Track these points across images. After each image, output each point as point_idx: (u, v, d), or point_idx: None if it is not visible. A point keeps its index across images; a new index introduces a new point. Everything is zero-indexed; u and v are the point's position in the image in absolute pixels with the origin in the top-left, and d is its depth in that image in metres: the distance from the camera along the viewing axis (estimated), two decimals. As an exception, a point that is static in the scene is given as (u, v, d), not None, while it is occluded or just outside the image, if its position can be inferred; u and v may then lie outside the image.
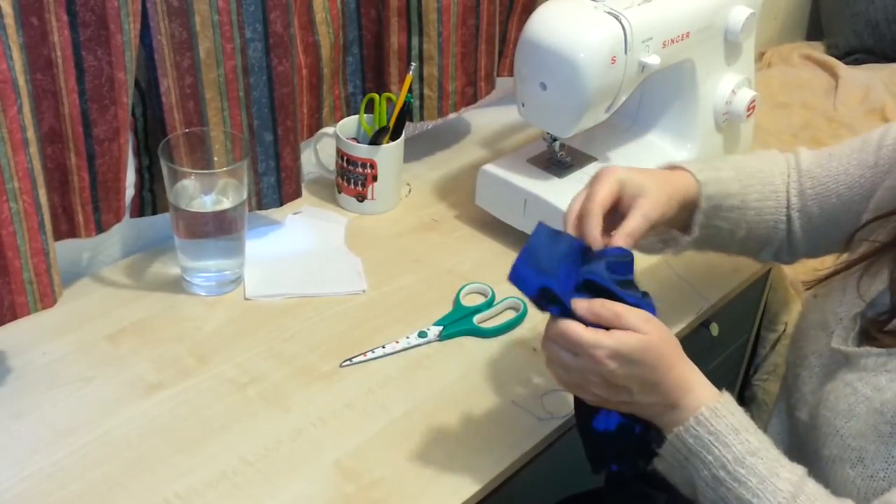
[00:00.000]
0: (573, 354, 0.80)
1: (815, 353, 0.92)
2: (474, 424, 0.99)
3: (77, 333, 1.07)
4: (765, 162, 1.05)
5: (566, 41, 1.11)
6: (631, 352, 0.78)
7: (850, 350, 0.87)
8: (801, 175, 1.03)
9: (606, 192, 0.88)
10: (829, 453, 0.84)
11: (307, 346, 1.07)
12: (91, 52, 0.96)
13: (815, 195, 1.02)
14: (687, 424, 0.80)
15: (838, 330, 0.89)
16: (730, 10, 1.24)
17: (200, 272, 1.13)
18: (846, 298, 0.91)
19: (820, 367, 0.91)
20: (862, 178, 0.98)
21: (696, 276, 1.22)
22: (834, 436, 0.84)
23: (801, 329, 0.96)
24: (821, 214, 1.02)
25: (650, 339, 0.79)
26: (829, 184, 1.01)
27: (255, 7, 1.06)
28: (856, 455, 0.81)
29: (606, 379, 0.80)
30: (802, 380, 0.92)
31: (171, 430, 0.96)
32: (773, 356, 1.62)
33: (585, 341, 0.78)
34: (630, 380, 0.80)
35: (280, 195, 1.20)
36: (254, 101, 1.12)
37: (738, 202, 1.00)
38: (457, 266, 1.22)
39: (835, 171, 1.00)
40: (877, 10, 2.15)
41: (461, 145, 1.49)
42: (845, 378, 0.85)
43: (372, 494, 0.91)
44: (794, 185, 1.03)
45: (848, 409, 0.83)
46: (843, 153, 1.01)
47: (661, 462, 0.83)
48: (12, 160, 0.89)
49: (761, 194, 1.02)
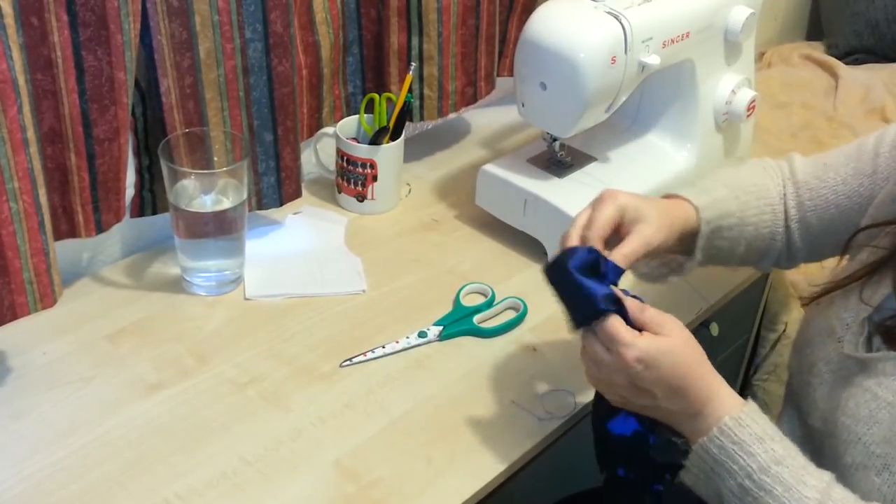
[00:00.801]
0: (606, 350, 0.81)
1: (823, 359, 0.91)
2: (474, 424, 0.99)
3: (77, 333, 1.07)
4: (758, 174, 1.04)
5: (566, 41, 1.11)
6: (660, 357, 0.79)
7: (865, 356, 0.85)
8: (799, 187, 1.02)
9: (608, 217, 0.88)
10: (851, 461, 0.83)
11: (307, 346, 1.07)
12: (91, 52, 0.96)
13: (813, 206, 1.01)
14: (711, 435, 0.79)
15: (847, 336, 0.88)
16: (730, 10, 1.24)
17: (200, 272, 1.13)
18: (850, 304, 0.90)
19: (830, 374, 0.89)
20: (861, 188, 0.97)
21: (696, 276, 1.21)
22: (856, 443, 0.83)
23: (804, 337, 0.96)
24: (819, 224, 1.01)
25: (679, 346, 0.80)
26: (827, 195, 1.00)
27: (255, 7, 1.06)
28: (881, 462, 0.80)
29: (633, 383, 0.80)
30: (812, 387, 0.91)
31: (171, 430, 0.96)
32: (773, 356, 1.62)
33: (621, 338, 0.79)
34: (655, 384, 0.80)
35: (280, 195, 1.20)
36: (254, 101, 1.12)
37: (736, 220, 0.99)
38: (457, 266, 1.22)
39: (832, 182, 1.00)
40: (877, 10, 2.15)
41: (461, 145, 1.49)
42: (863, 384, 0.84)
43: (372, 494, 0.91)
44: (792, 196, 1.03)
45: (869, 415, 0.82)
46: (838, 162, 1.00)
47: (687, 474, 0.82)
48: (12, 160, 0.89)
49: (758, 209, 1.01)
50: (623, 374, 0.80)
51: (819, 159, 1.03)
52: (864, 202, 0.97)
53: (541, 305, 1.15)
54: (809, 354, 0.93)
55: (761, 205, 1.01)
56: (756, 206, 1.01)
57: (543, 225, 1.21)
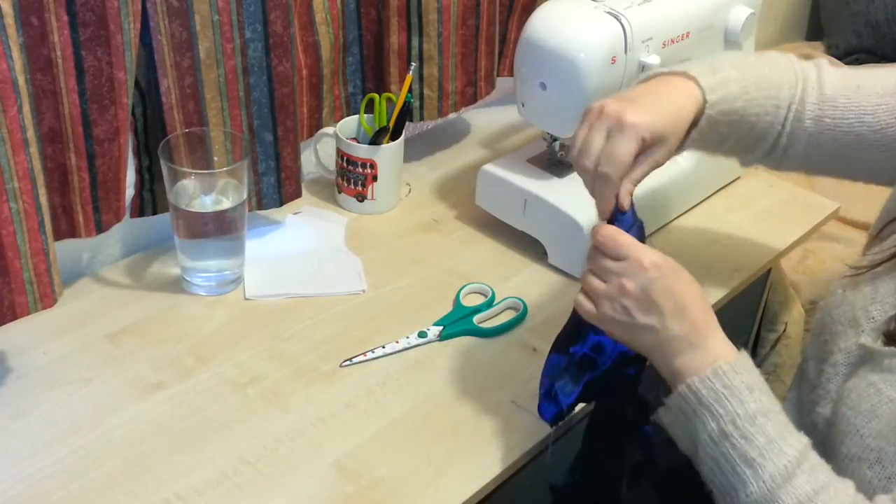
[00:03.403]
0: (616, 260, 0.81)
1: (843, 350, 0.90)
2: (474, 424, 0.99)
3: (77, 333, 1.07)
4: (775, 71, 0.98)
5: (566, 41, 1.11)
6: (674, 268, 0.81)
7: (876, 349, 0.85)
8: (824, 101, 0.96)
9: (628, 157, 0.85)
10: (847, 451, 0.83)
11: (307, 346, 1.07)
12: (91, 52, 0.96)
13: (833, 126, 0.96)
14: (703, 376, 0.79)
15: (869, 328, 0.88)
16: (730, 10, 1.24)
17: (200, 272, 1.13)
18: (878, 296, 0.89)
19: (847, 366, 0.89)
20: (889, 128, 0.94)
21: (696, 277, 1.21)
22: (854, 434, 0.83)
23: (824, 324, 0.94)
24: (833, 146, 0.97)
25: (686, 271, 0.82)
26: (852, 121, 0.95)
27: (255, 7, 1.06)
28: (874, 455, 0.80)
29: (645, 289, 0.80)
30: (827, 376, 0.91)
31: (171, 430, 0.96)
32: (772, 356, 1.62)
33: (635, 245, 0.81)
34: (667, 295, 0.80)
35: (280, 195, 1.20)
36: (254, 101, 1.12)
37: (737, 117, 0.95)
38: (457, 266, 1.22)
39: (861, 108, 0.95)
40: (877, 10, 2.15)
41: (461, 145, 1.49)
42: (868, 377, 0.84)
43: (372, 494, 0.91)
44: (812, 108, 0.96)
45: (870, 409, 0.82)
46: (873, 89, 0.95)
47: (666, 413, 0.82)
48: (12, 160, 0.89)
49: (762, 108, 0.96)
50: (636, 279, 0.80)
51: (851, 78, 0.97)
52: (888, 142, 0.94)
53: (541, 305, 1.15)
54: (828, 342, 0.92)
55: (768, 104, 0.96)
56: (762, 104, 0.96)
57: (543, 225, 1.21)
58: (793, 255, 1.66)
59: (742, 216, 1.34)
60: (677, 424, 0.82)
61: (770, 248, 1.29)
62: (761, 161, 1.02)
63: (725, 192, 1.37)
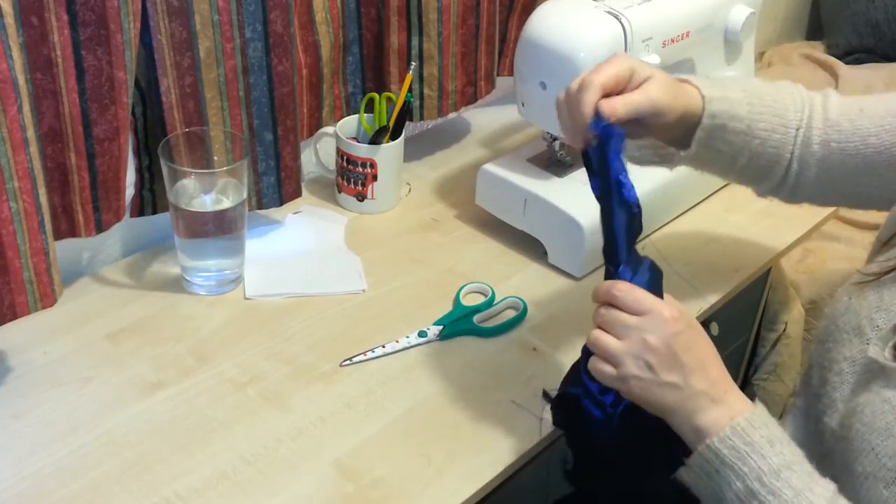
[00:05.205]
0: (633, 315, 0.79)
1: (848, 359, 0.88)
2: (474, 424, 0.99)
3: (77, 333, 1.07)
4: (783, 94, 0.98)
5: (566, 41, 1.11)
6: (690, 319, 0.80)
7: (889, 365, 0.83)
8: (829, 125, 0.97)
9: (613, 72, 0.85)
10: (862, 470, 0.81)
11: (307, 346, 1.07)
12: (91, 52, 0.96)
13: (839, 150, 0.96)
14: (722, 435, 0.78)
15: (875, 339, 0.86)
16: (730, 10, 1.24)
17: (200, 272, 1.13)
18: (883, 304, 0.87)
19: (853, 375, 0.87)
20: (894, 148, 0.93)
21: (696, 276, 1.22)
22: (869, 453, 0.81)
23: (830, 331, 0.93)
24: (840, 170, 0.97)
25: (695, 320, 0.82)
26: (857, 144, 0.95)
27: (255, 7, 1.06)
28: (891, 475, 0.79)
29: (669, 344, 0.78)
30: (832, 385, 0.89)
31: (171, 429, 0.96)
32: (772, 356, 1.62)
33: (654, 299, 0.79)
34: (691, 351, 0.79)
35: (280, 195, 1.20)
36: (254, 100, 1.12)
37: (744, 127, 0.94)
38: (457, 266, 1.22)
39: (865, 131, 0.95)
40: (877, 10, 2.15)
41: (461, 145, 1.49)
42: (883, 394, 0.82)
43: (372, 494, 0.91)
44: (819, 133, 0.97)
45: (885, 427, 0.80)
46: (875, 112, 0.95)
47: (688, 472, 0.81)
48: (12, 160, 0.89)
49: (770, 125, 0.95)
50: (659, 333, 0.78)
51: (856, 102, 0.97)
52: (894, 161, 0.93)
53: (541, 305, 1.15)
54: (832, 350, 0.91)
55: (774, 122, 0.96)
56: (769, 121, 0.96)
57: (543, 224, 1.21)
58: (793, 255, 1.66)
59: (742, 216, 1.34)
60: (701, 485, 0.80)
61: (770, 247, 1.29)
62: (776, 190, 1.02)
63: (725, 192, 1.37)
